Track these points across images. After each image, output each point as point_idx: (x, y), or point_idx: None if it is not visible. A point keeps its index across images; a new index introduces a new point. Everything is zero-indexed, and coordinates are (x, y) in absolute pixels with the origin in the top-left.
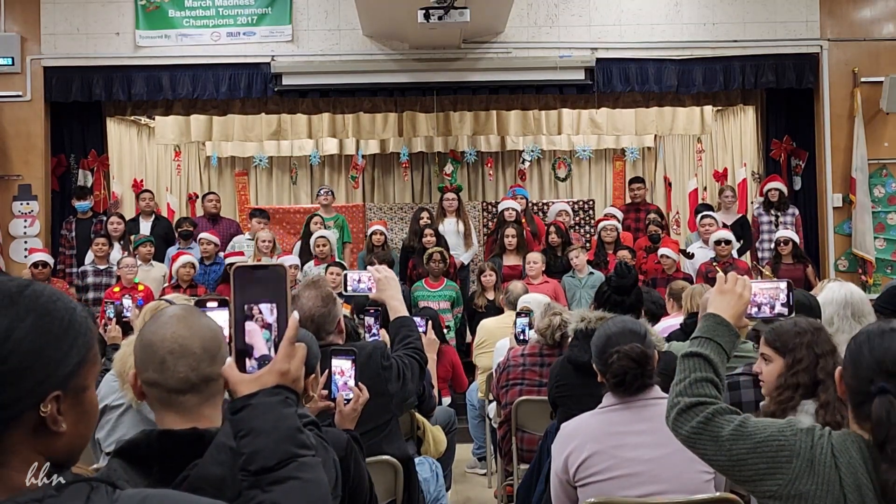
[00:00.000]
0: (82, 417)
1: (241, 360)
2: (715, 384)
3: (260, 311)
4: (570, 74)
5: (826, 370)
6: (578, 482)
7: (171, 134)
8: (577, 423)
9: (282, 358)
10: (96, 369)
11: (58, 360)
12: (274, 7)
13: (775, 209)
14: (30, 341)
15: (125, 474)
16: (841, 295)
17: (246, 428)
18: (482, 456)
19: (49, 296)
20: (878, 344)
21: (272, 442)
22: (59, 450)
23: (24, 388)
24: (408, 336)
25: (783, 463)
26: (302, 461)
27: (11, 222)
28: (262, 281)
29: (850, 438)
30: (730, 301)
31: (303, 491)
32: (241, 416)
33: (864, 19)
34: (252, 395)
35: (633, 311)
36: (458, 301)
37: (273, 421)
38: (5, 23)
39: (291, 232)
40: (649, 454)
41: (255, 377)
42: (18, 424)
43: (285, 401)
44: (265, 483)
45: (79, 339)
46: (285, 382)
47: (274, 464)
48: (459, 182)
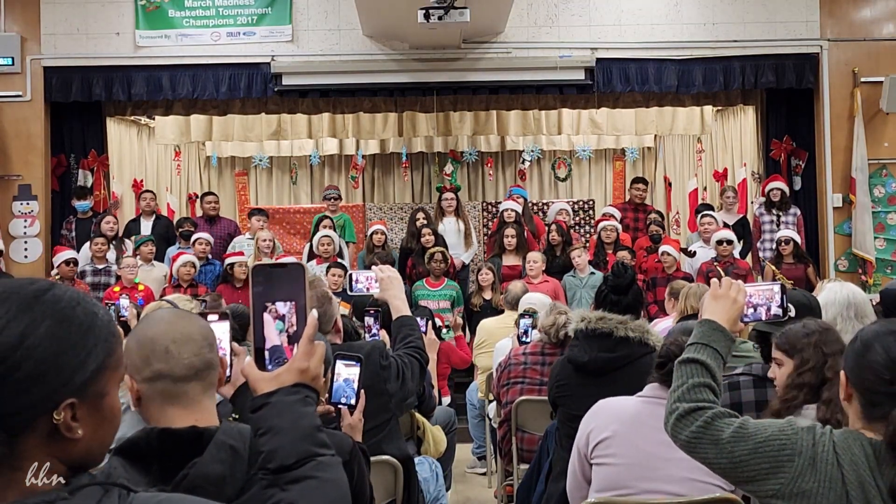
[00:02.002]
0: (101, 423)
1: (261, 359)
2: (712, 389)
3: (276, 309)
4: (570, 74)
5: (834, 369)
6: (594, 460)
7: (171, 134)
8: (613, 401)
9: (301, 356)
10: (119, 374)
11: (74, 368)
12: (274, 7)
13: (777, 209)
14: (44, 348)
15: (125, 472)
16: (843, 295)
17: (265, 426)
18: (482, 456)
19: (69, 300)
20: (893, 343)
21: (291, 440)
22: (75, 455)
23: (37, 395)
24: (409, 335)
25: (785, 462)
26: (321, 460)
27: (11, 222)
28: (281, 279)
29: (852, 437)
30: (724, 306)
31: (321, 490)
32: (260, 415)
33: (864, 19)
34: (272, 394)
35: (632, 310)
36: (458, 300)
37: (292, 419)
38: (5, 23)
39: (291, 232)
40: (669, 454)
41: (274, 375)
42: (32, 430)
43: (305, 399)
44: (284, 482)
45: (98, 345)
46: (305, 380)
47: (293, 462)
48: (459, 182)
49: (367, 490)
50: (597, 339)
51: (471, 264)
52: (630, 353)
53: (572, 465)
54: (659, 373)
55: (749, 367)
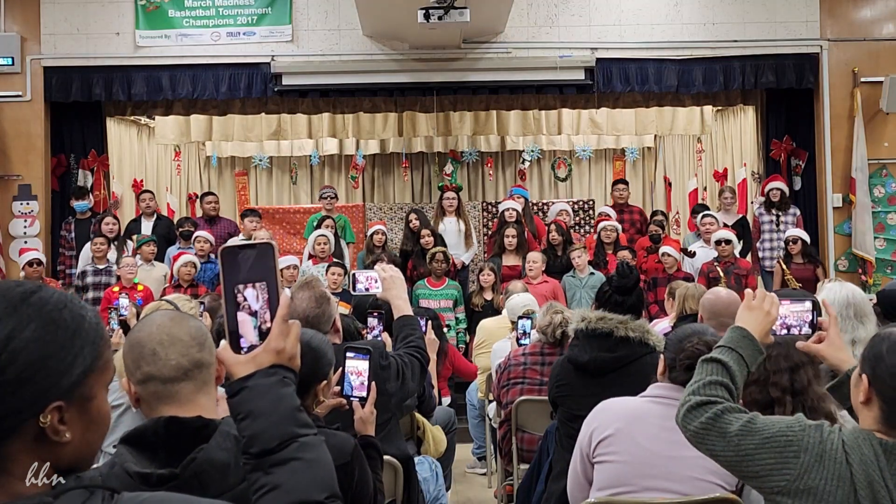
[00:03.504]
0: (90, 426)
1: (236, 341)
2: (728, 389)
3: (245, 298)
4: (570, 74)
5: (780, 386)
6: (596, 458)
7: (171, 134)
8: (616, 401)
9: (276, 336)
10: (107, 377)
11: (61, 371)
12: (274, 7)
13: (777, 209)
14: (29, 352)
15: (133, 458)
16: (843, 295)
17: (244, 411)
18: (482, 456)
19: (56, 303)
20: None
21: (272, 423)
22: (64, 458)
23: (23, 399)
24: (410, 335)
25: (791, 458)
26: (304, 441)
27: (11, 222)
28: (251, 260)
29: (862, 436)
30: (757, 317)
31: (308, 471)
32: (238, 399)
33: (864, 19)
34: (249, 377)
35: (634, 311)
36: (459, 300)
37: (271, 402)
38: (5, 23)
39: (291, 232)
40: (671, 452)
41: (250, 357)
42: (19, 434)
43: (283, 380)
44: (267, 465)
45: (85, 348)
46: (281, 361)
47: (275, 445)
48: (459, 182)
49: (368, 490)
50: (597, 338)
51: (471, 264)
52: (630, 353)
53: (573, 466)
54: (688, 374)
55: None
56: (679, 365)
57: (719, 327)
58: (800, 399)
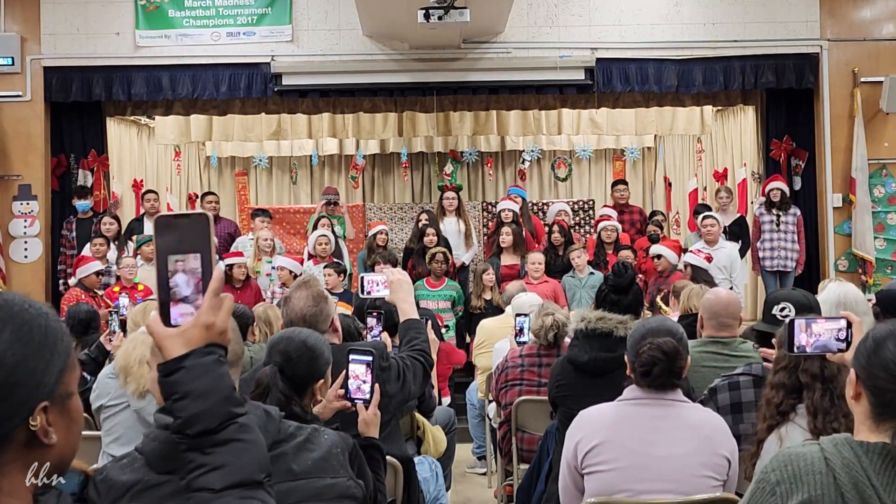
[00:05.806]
0: (70, 426)
1: (166, 314)
2: None
3: (179, 255)
4: (570, 74)
5: (810, 373)
6: (585, 469)
7: (171, 134)
8: (593, 410)
9: (206, 310)
10: (77, 374)
11: (42, 370)
12: (274, 7)
13: (777, 209)
14: (11, 354)
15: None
16: (835, 295)
17: (182, 391)
18: (482, 456)
19: (21, 304)
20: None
21: (212, 404)
22: (51, 462)
23: (14, 403)
24: (415, 338)
25: (771, 499)
26: (241, 421)
27: (11, 222)
28: (185, 230)
29: (839, 441)
30: None
31: (248, 452)
32: (175, 379)
33: (864, 19)
34: (185, 357)
35: (631, 310)
36: (458, 300)
37: (211, 383)
38: (5, 23)
39: (291, 232)
40: (659, 452)
41: (180, 331)
42: (10, 441)
43: (219, 360)
44: (207, 445)
45: (58, 346)
46: (212, 337)
47: (216, 425)
48: (459, 182)
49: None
50: (596, 338)
51: (471, 264)
52: None
53: (563, 477)
54: (645, 380)
55: (749, 367)
56: (638, 371)
57: (719, 327)
58: (829, 386)
